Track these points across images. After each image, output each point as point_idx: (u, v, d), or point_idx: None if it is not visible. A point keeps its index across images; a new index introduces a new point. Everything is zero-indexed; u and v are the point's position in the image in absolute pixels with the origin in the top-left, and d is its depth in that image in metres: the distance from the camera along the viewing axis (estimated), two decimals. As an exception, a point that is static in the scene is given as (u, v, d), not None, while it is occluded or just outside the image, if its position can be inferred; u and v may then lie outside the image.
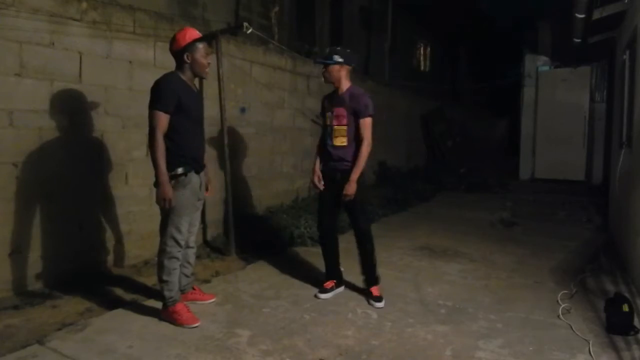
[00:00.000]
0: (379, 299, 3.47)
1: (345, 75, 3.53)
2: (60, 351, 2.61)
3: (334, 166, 3.53)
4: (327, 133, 3.58)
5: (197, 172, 3.10)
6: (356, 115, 3.46)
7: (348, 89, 3.54)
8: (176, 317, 2.99)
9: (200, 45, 3.05)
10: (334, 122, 3.51)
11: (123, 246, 4.17)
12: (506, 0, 9.76)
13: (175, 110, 2.93)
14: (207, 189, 3.33)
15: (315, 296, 3.56)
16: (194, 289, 3.41)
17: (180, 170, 2.98)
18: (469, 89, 16.63)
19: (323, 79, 3.61)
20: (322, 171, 3.63)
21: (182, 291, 3.28)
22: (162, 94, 2.91)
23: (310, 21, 8.26)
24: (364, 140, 3.44)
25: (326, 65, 3.52)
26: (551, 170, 8.81)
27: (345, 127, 3.47)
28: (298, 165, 6.80)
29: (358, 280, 3.81)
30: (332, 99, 3.61)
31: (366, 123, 3.45)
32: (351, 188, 3.39)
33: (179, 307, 3.03)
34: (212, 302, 3.39)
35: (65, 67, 3.68)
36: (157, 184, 2.90)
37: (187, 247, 3.23)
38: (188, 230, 3.15)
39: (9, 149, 3.35)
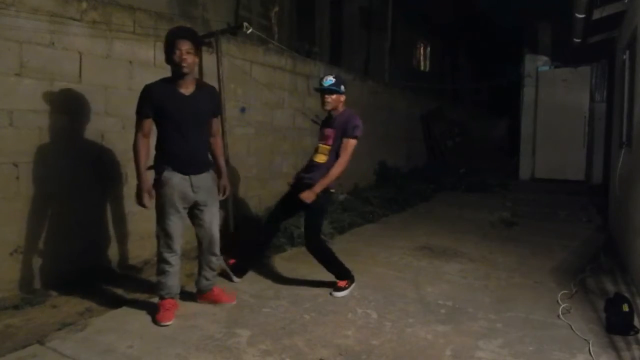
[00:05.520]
0: (339, 288, 3.56)
1: (343, 101, 3.60)
2: (60, 351, 2.62)
3: (304, 178, 3.58)
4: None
5: (185, 173, 3.02)
6: (343, 135, 3.49)
7: (343, 112, 3.59)
8: (157, 311, 3.05)
9: (176, 42, 2.90)
10: (320, 142, 3.63)
11: (123, 246, 4.17)
12: (506, 0, 9.74)
13: (157, 115, 2.98)
14: (224, 192, 3.36)
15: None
16: (212, 290, 3.37)
17: (159, 170, 3.02)
18: (469, 89, 16.65)
19: (324, 106, 3.54)
20: (298, 177, 3.68)
21: (201, 292, 3.36)
22: (139, 101, 3.01)
23: (310, 21, 8.26)
24: (340, 158, 3.46)
25: (330, 93, 3.48)
26: (551, 170, 8.79)
27: (329, 147, 3.54)
28: (298, 165, 6.76)
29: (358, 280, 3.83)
30: (327, 119, 3.69)
31: (349, 143, 3.47)
32: (309, 196, 3.38)
33: (165, 303, 3.09)
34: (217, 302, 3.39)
35: (65, 67, 3.68)
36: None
37: (211, 254, 3.27)
38: (202, 235, 3.22)
39: (9, 149, 3.35)
